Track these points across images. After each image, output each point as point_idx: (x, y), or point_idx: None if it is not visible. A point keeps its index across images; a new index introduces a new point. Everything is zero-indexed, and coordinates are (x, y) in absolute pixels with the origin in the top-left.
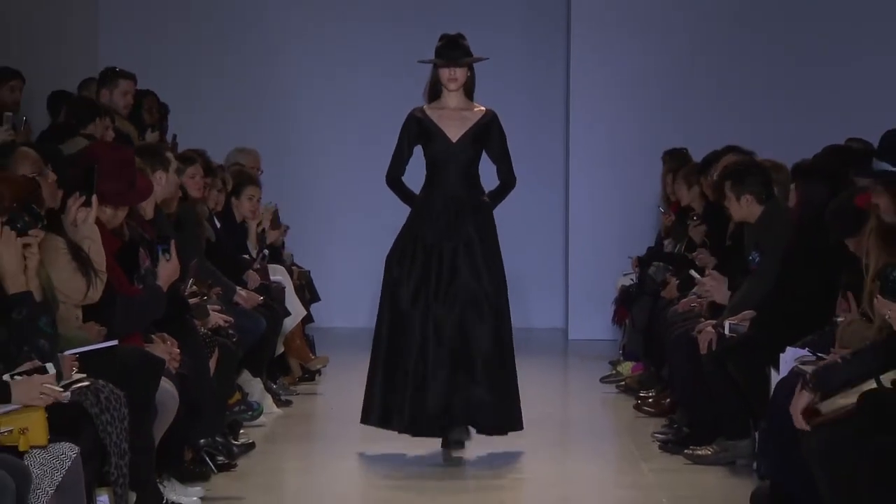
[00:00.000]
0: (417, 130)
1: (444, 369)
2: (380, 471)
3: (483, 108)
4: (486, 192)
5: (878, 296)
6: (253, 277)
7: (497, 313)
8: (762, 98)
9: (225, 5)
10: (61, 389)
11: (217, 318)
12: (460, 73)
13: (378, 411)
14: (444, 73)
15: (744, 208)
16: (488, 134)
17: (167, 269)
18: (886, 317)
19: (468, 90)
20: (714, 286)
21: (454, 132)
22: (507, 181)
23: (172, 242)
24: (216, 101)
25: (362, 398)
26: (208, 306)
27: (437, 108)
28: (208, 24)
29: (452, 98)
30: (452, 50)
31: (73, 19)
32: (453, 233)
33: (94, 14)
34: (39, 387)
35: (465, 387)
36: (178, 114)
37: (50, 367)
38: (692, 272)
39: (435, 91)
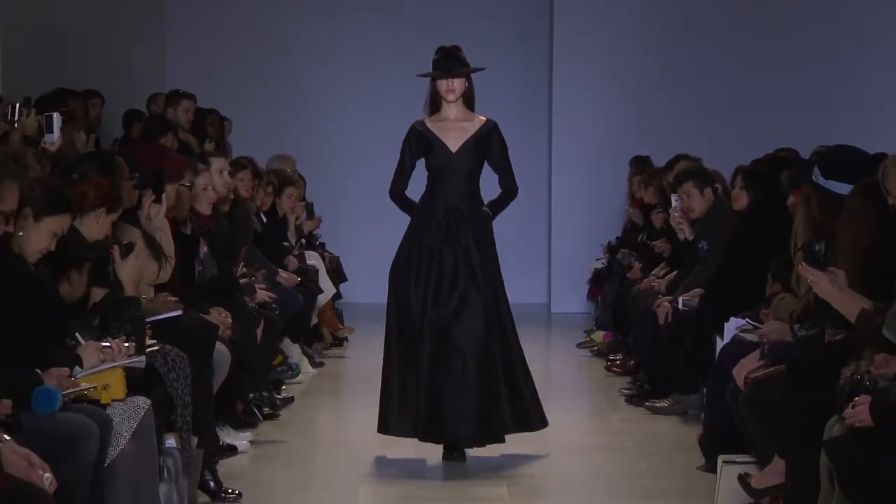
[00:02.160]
0: (418, 143)
1: (452, 380)
2: None
3: (483, 118)
4: (487, 202)
5: (803, 262)
6: (292, 262)
7: (495, 320)
8: (712, 112)
9: (267, 38)
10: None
11: (263, 294)
12: (458, 84)
13: (396, 420)
14: (442, 85)
15: (706, 199)
16: (489, 144)
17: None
18: (809, 280)
19: (468, 101)
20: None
21: (454, 143)
22: (510, 190)
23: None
24: (260, 114)
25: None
26: (256, 285)
27: (438, 121)
28: (255, 52)
29: (452, 109)
30: (449, 61)
31: (144, 47)
32: (452, 239)
33: (162, 43)
34: (96, 352)
35: (466, 397)
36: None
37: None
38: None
39: (435, 104)
